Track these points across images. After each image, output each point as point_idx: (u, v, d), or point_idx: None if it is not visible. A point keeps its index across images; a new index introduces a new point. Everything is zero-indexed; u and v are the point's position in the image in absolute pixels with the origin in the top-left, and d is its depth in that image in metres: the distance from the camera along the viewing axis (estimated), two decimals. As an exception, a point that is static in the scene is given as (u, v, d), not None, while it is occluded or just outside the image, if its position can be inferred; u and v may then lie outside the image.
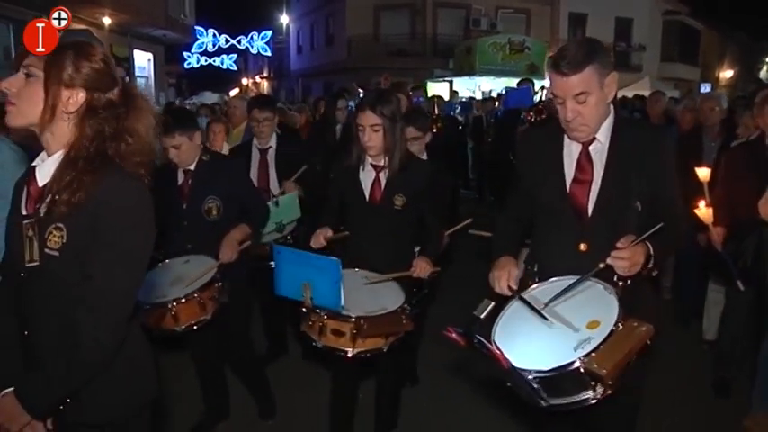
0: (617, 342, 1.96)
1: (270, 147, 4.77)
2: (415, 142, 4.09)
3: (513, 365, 1.91)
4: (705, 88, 27.46)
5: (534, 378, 1.97)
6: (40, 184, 1.88)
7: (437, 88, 20.87)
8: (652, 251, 2.22)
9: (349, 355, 2.85)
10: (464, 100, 17.30)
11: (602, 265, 2.18)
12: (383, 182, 3.33)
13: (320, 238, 3.34)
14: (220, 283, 3.34)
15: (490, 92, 20.80)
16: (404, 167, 3.28)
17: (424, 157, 4.22)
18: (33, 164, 1.94)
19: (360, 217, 3.42)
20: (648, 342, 2.04)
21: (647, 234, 2.17)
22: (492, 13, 27.31)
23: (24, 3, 11.76)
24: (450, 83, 23.93)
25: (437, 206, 3.56)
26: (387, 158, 3.29)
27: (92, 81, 1.85)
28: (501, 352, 1.93)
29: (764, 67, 42.05)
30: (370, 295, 3.06)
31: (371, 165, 3.34)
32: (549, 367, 1.96)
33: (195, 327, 3.24)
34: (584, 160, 2.45)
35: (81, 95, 1.85)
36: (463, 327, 1.95)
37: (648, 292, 2.56)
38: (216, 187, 3.59)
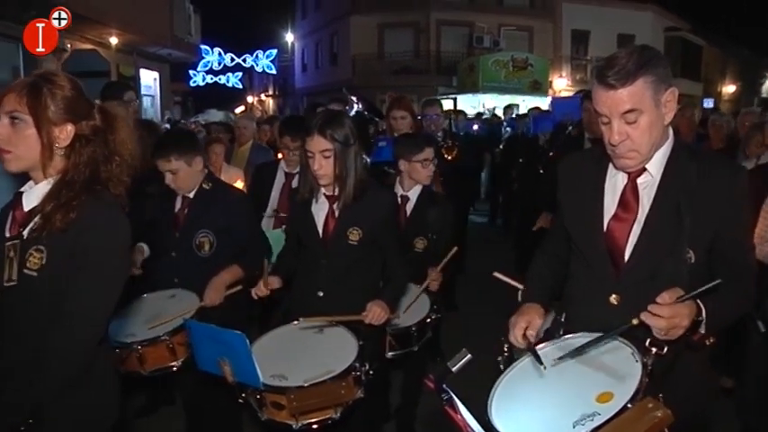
0: (621, 426, 1.59)
1: (297, 172, 4.15)
2: (423, 169, 3.84)
3: None
4: (708, 103, 27.54)
5: None
6: (26, 208, 1.95)
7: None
8: (704, 314, 1.79)
9: (294, 428, 2.51)
10: (514, 117, 14.30)
11: (635, 321, 1.77)
12: (337, 214, 2.94)
13: (261, 285, 2.95)
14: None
15: (494, 109, 20.85)
16: (359, 196, 2.88)
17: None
18: (21, 190, 2.01)
19: (312, 256, 3.01)
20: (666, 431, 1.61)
21: (699, 290, 1.75)
22: (495, 30, 27.42)
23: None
24: (454, 100, 24.03)
25: (398, 241, 3.16)
26: (338, 187, 2.89)
27: (72, 111, 1.92)
28: (464, 419, 1.63)
29: (767, 82, 42.06)
30: (318, 353, 2.71)
31: (325, 195, 2.95)
32: None
33: (164, 371, 2.98)
34: (630, 195, 2.03)
35: (69, 128, 1.92)
36: (436, 377, 1.69)
37: (694, 364, 2.03)
38: (212, 220, 3.31)
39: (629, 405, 1.61)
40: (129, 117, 2.14)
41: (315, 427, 2.55)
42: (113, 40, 15.59)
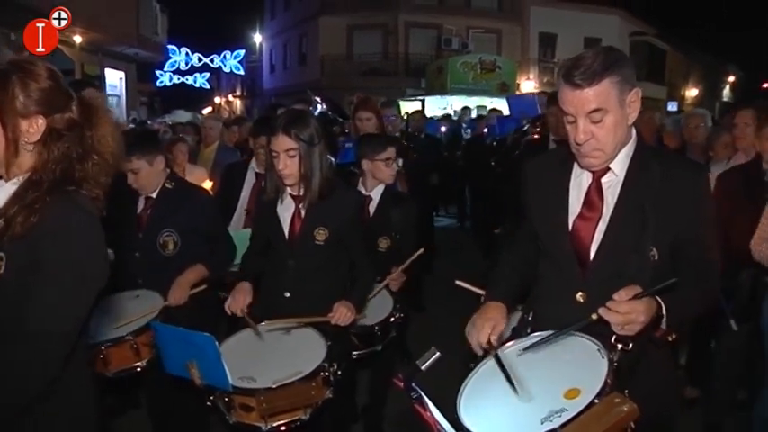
0: (588, 421, 1.61)
1: None
2: (386, 168, 3.85)
3: None
4: (672, 107, 28.10)
5: None
6: None
7: (409, 107, 20.97)
8: (665, 311, 1.80)
9: (263, 430, 2.49)
10: (474, 117, 14.06)
11: (593, 317, 1.79)
12: (303, 214, 2.94)
13: (238, 306, 2.87)
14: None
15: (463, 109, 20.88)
16: (325, 196, 2.88)
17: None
18: None
19: (279, 257, 3.01)
20: (632, 426, 1.65)
21: (655, 288, 1.77)
22: (463, 33, 27.58)
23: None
24: (422, 102, 24.10)
25: (365, 241, 3.16)
26: (303, 186, 2.88)
27: (46, 103, 1.74)
28: (433, 417, 1.64)
29: (727, 87, 43.11)
30: (286, 354, 2.70)
31: (291, 196, 2.95)
32: None
33: (129, 373, 2.92)
34: (594, 194, 2.05)
35: (41, 122, 1.74)
36: (405, 376, 1.68)
37: (658, 360, 2.06)
38: (175, 219, 3.30)
39: (596, 400, 1.64)
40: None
41: (284, 428, 2.53)
42: (77, 39, 15.37)
